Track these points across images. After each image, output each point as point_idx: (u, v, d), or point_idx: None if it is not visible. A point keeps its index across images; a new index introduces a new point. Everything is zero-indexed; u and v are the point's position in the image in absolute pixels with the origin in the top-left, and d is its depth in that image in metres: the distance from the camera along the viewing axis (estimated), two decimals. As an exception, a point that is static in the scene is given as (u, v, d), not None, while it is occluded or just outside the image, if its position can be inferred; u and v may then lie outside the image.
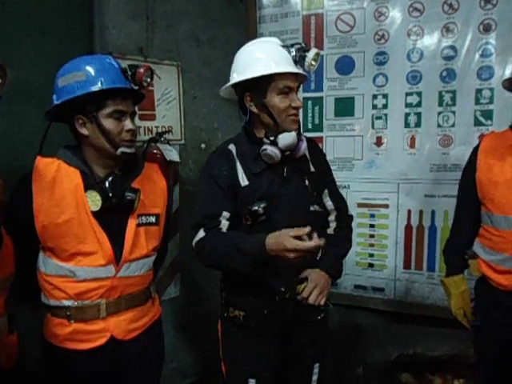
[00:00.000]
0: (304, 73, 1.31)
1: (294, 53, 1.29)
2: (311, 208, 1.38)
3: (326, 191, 1.46)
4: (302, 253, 1.15)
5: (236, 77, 1.32)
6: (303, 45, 1.31)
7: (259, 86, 1.27)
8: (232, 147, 1.36)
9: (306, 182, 1.37)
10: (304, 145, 1.34)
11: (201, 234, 1.31)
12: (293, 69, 1.27)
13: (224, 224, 1.32)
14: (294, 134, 1.30)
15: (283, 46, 1.31)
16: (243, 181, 1.32)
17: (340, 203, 1.51)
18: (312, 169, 1.42)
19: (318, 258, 1.42)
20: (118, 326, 1.21)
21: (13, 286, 1.17)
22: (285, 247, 1.14)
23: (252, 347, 1.35)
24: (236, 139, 1.40)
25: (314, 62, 1.29)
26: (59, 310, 1.18)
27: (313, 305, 1.32)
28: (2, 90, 0.97)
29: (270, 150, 1.28)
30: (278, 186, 1.33)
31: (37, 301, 1.25)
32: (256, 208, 1.27)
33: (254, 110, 1.31)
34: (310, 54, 1.28)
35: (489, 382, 1.55)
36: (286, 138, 1.29)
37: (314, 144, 1.50)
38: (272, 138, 1.30)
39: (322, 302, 1.34)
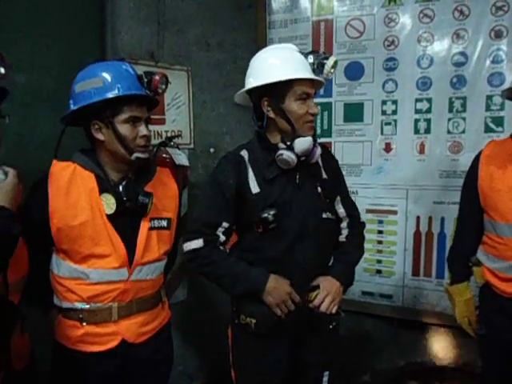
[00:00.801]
0: (322, 80, 1.32)
1: (311, 60, 1.30)
2: (323, 215, 1.38)
3: (339, 198, 1.46)
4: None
5: (253, 81, 1.32)
6: (322, 52, 1.33)
7: (277, 91, 1.27)
8: (244, 153, 1.36)
9: (319, 189, 1.37)
10: (319, 151, 1.34)
11: (199, 242, 1.32)
12: (312, 75, 1.29)
13: (222, 238, 1.34)
14: (310, 139, 1.30)
15: (301, 53, 1.32)
16: (254, 188, 1.31)
17: (352, 210, 1.50)
18: (324, 175, 1.41)
19: (329, 264, 1.43)
20: (129, 330, 1.22)
21: (25, 287, 1.18)
22: (280, 297, 1.28)
23: (262, 355, 1.35)
24: (249, 145, 1.40)
25: (332, 70, 1.31)
26: (71, 312, 1.19)
27: (324, 313, 1.32)
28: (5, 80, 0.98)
29: (287, 154, 1.28)
30: (291, 193, 1.32)
31: (48, 303, 1.25)
32: (266, 215, 1.27)
33: (271, 115, 1.31)
34: (330, 62, 1.29)
35: None
36: (303, 143, 1.29)
37: (326, 150, 1.50)
38: (288, 143, 1.30)
39: (334, 311, 1.34)
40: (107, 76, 1.15)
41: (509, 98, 1.50)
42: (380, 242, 2.31)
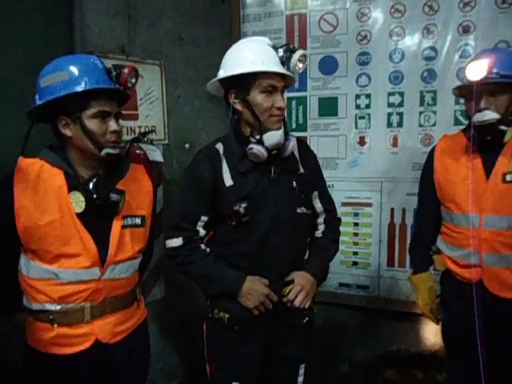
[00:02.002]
0: (288, 73, 1.30)
1: (281, 53, 1.29)
2: (298, 210, 1.37)
3: (316, 193, 1.46)
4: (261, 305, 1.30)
5: (222, 73, 1.32)
6: (291, 46, 1.31)
7: (244, 83, 1.27)
8: (220, 146, 1.36)
9: (294, 183, 1.36)
10: (291, 144, 1.33)
11: (178, 241, 1.32)
12: (277, 69, 1.27)
13: (201, 233, 1.34)
14: (280, 132, 1.29)
15: (272, 47, 1.31)
16: (228, 181, 1.31)
17: (329, 205, 1.50)
18: (301, 170, 1.41)
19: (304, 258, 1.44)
20: (102, 330, 1.19)
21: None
22: (257, 299, 1.29)
23: (237, 349, 1.35)
24: (224, 138, 1.40)
25: (300, 64, 1.29)
26: (42, 314, 1.16)
27: (298, 307, 1.33)
28: None
29: (256, 149, 1.28)
30: (265, 187, 1.32)
31: (15, 305, 1.21)
32: (237, 208, 1.27)
33: (238, 107, 1.30)
34: (296, 55, 1.28)
35: (456, 374, 1.60)
36: (272, 137, 1.28)
37: (304, 144, 1.50)
38: (258, 137, 1.30)
39: (307, 305, 1.35)
40: (74, 69, 1.11)
41: (459, 95, 1.57)
42: (356, 235, 2.35)
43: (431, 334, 2.25)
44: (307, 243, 1.47)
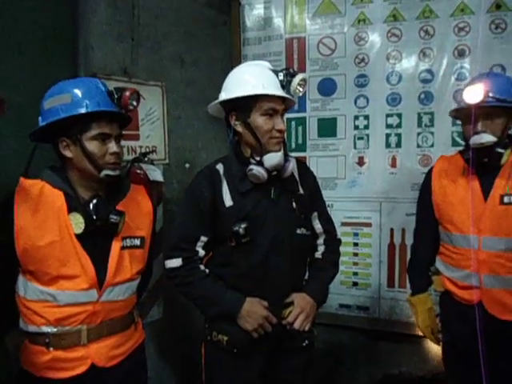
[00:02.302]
0: (289, 96, 1.33)
1: (281, 77, 1.32)
2: (298, 231, 1.37)
3: (316, 214, 1.46)
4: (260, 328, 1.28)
5: (224, 95, 1.35)
6: (291, 70, 1.34)
7: (244, 105, 1.29)
8: (220, 167, 1.37)
9: (294, 204, 1.37)
10: (291, 165, 1.35)
11: (177, 262, 1.32)
12: (277, 92, 1.30)
13: (201, 253, 1.34)
14: (279, 154, 1.31)
15: (273, 71, 1.34)
16: (228, 201, 1.31)
17: (329, 226, 1.50)
18: (301, 191, 1.41)
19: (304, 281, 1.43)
20: (99, 353, 1.17)
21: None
22: (256, 322, 1.27)
23: (235, 372, 1.33)
24: (225, 158, 1.41)
25: (300, 88, 1.33)
26: (38, 337, 1.14)
27: (298, 330, 1.32)
28: None
29: (256, 170, 1.29)
30: (265, 208, 1.32)
31: (9, 327, 1.20)
32: (237, 228, 1.27)
33: (239, 129, 1.32)
34: (296, 80, 1.31)
35: None
36: (272, 159, 1.30)
37: (303, 165, 1.51)
38: (258, 159, 1.31)
39: (307, 328, 1.34)
40: (76, 92, 1.13)
41: (455, 117, 1.60)
42: (356, 255, 2.34)
43: (433, 356, 2.21)
44: (307, 264, 1.47)
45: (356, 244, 2.34)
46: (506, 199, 1.38)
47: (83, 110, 1.11)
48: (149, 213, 1.32)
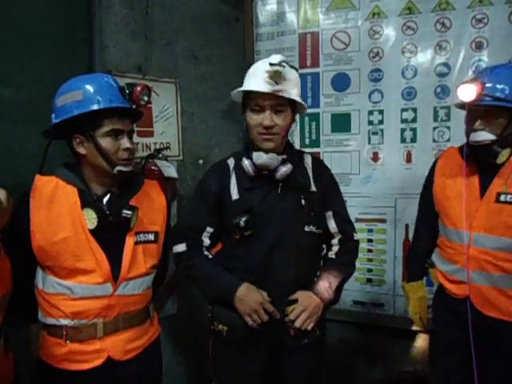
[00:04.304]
0: (271, 92, 1.27)
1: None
2: (306, 228, 1.35)
3: (330, 213, 1.42)
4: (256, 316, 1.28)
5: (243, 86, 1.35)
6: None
7: (245, 100, 1.32)
8: (231, 161, 1.39)
9: (303, 201, 1.35)
10: (285, 169, 1.31)
11: (182, 247, 1.37)
12: (265, 89, 1.24)
13: (206, 242, 1.36)
14: (266, 155, 1.29)
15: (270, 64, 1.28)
16: (234, 195, 1.33)
17: (345, 226, 1.45)
18: (313, 188, 1.38)
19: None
20: (115, 347, 1.19)
21: (9, 305, 1.16)
22: (250, 306, 1.26)
23: (236, 366, 1.33)
24: (238, 153, 1.42)
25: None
26: (56, 329, 1.17)
27: (299, 328, 1.30)
28: None
29: (245, 163, 1.31)
30: (271, 203, 1.33)
31: (30, 319, 1.23)
32: (237, 221, 1.28)
33: (246, 122, 1.35)
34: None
35: None
36: (258, 157, 1.30)
37: (319, 162, 1.49)
38: (253, 153, 1.32)
39: (309, 327, 1.31)
40: (88, 89, 1.14)
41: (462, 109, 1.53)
42: (370, 251, 2.32)
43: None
44: (318, 263, 1.44)
45: (370, 240, 2.31)
46: (502, 198, 1.35)
47: (95, 107, 1.12)
48: (163, 208, 1.34)
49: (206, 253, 1.37)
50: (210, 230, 1.37)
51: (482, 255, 1.38)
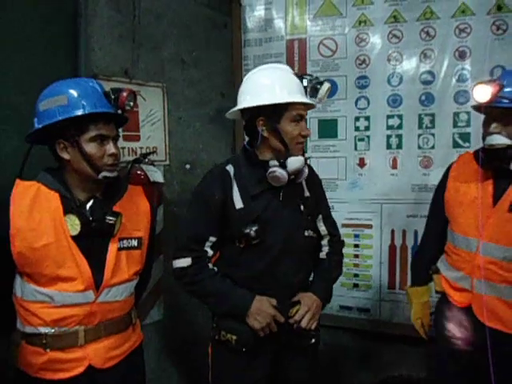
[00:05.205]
0: (314, 103, 1.35)
1: (305, 83, 1.34)
2: (305, 233, 1.40)
3: (320, 216, 1.48)
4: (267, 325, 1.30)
5: (250, 100, 1.32)
6: (315, 76, 1.36)
7: (274, 112, 1.29)
8: (230, 168, 1.37)
9: (301, 206, 1.39)
10: (306, 171, 1.36)
11: (187, 261, 1.33)
12: (307, 99, 1.32)
13: (209, 253, 1.35)
14: (302, 158, 1.33)
15: (295, 75, 1.35)
16: (238, 203, 1.32)
17: (333, 229, 1.52)
18: (307, 193, 1.43)
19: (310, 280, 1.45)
20: (96, 354, 1.17)
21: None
22: (263, 321, 1.28)
23: (243, 372, 1.34)
24: (234, 160, 1.40)
25: (325, 96, 1.36)
26: (35, 338, 1.14)
27: (304, 328, 1.33)
28: None
29: (279, 172, 1.29)
30: (274, 210, 1.34)
31: (10, 327, 1.20)
32: (248, 231, 1.28)
33: (265, 134, 1.32)
34: (324, 88, 1.34)
35: None
36: (295, 162, 1.31)
37: (309, 167, 1.51)
38: (282, 161, 1.32)
39: (313, 327, 1.36)
40: (72, 93, 1.12)
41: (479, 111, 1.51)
42: (356, 256, 2.33)
43: (434, 359, 2.20)
44: (312, 265, 1.48)
45: (357, 245, 2.33)
46: None
47: (80, 112, 1.10)
48: (146, 213, 1.32)
49: (211, 266, 1.35)
50: (212, 239, 1.34)
51: (489, 265, 1.36)
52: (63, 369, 1.14)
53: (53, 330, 1.13)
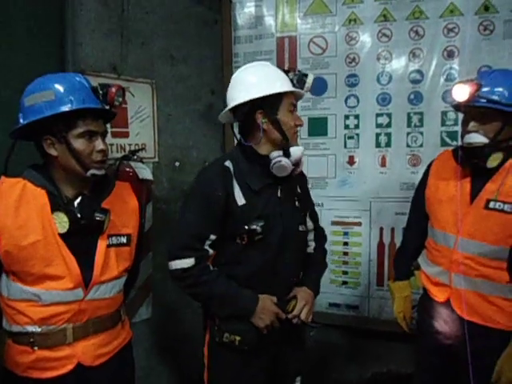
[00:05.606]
0: (303, 92, 1.39)
1: (291, 76, 1.37)
2: (300, 228, 1.43)
3: (308, 212, 1.51)
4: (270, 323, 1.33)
5: (245, 95, 1.30)
6: (298, 70, 1.40)
7: (271, 103, 1.30)
8: (229, 164, 1.34)
9: (297, 202, 1.42)
10: (303, 160, 1.40)
11: (190, 262, 1.29)
12: (298, 89, 1.36)
13: (210, 252, 1.34)
14: (302, 147, 1.37)
15: (282, 70, 1.39)
16: (240, 200, 1.31)
17: (317, 223, 1.58)
18: (298, 189, 1.47)
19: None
20: (85, 352, 1.16)
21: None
22: (268, 320, 1.31)
23: (244, 370, 1.35)
24: (231, 156, 1.38)
25: (311, 87, 1.40)
26: (22, 337, 1.12)
27: (304, 321, 1.36)
28: None
29: (285, 161, 1.31)
30: (273, 206, 1.35)
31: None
32: (254, 227, 1.28)
33: (265, 126, 1.32)
34: (310, 79, 1.37)
35: None
36: (297, 151, 1.34)
37: None
38: (285, 149, 1.34)
39: (310, 319, 1.40)
40: (59, 88, 1.09)
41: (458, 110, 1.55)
42: (346, 254, 2.35)
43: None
44: (303, 259, 1.51)
45: (346, 243, 2.34)
46: (491, 204, 1.35)
47: (68, 108, 1.08)
48: (135, 210, 1.31)
49: (211, 267, 1.33)
50: (212, 237, 1.31)
51: (465, 260, 1.39)
52: (51, 367, 1.12)
53: (40, 329, 1.11)
